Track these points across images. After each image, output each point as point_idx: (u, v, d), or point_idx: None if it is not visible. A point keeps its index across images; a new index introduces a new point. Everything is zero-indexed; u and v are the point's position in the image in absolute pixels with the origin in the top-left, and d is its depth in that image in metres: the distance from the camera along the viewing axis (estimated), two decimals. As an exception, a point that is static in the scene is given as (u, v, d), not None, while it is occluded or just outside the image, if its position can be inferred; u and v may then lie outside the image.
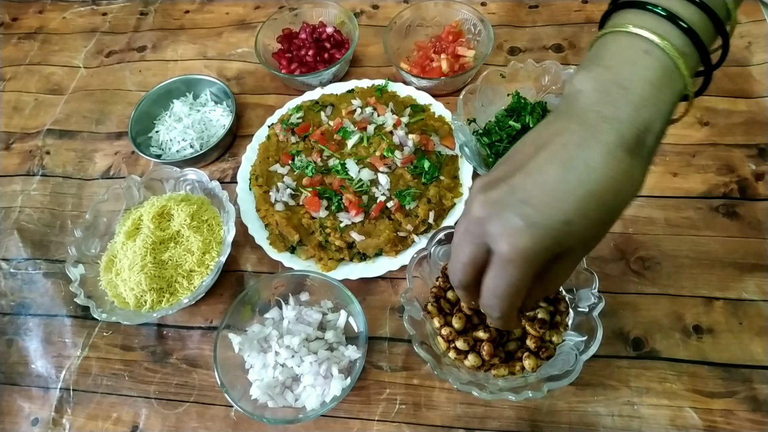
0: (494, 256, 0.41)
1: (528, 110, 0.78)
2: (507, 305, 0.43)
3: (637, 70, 0.41)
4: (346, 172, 0.78)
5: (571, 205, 0.39)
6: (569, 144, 0.40)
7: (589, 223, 0.40)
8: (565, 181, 0.39)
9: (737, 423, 0.59)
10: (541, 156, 0.40)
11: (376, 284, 0.72)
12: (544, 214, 0.39)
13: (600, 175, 0.39)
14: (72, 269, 0.70)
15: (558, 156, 0.40)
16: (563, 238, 0.40)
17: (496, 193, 0.41)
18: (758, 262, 0.67)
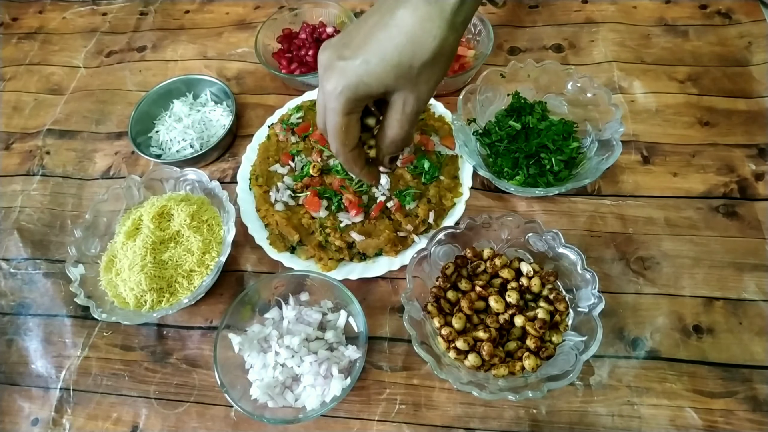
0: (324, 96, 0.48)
1: (528, 110, 0.78)
2: (336, 141, 0.50)
3: None
4: (346, 172, 0.78)
5: (373, 47, 0.45)
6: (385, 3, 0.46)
7: (387, 66, 0.46)
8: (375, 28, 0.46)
9: (737, 423, 0.59)
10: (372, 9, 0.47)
11: (376, 284, 0.72)
12: (353, 53, 0.46)
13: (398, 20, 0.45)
14: (72, 269, 0.70)
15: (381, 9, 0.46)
16: (365, 77, 0.46)
17: (334, 39, 0.49)
18: (758, 262, 0.68)
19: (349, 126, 0.49)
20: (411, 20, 0.45)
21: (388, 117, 0.51)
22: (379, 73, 0.46)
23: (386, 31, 0.45)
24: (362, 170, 0.55)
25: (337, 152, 0.52)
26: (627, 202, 0.74)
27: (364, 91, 0.47)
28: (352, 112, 0.48)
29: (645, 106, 0.82)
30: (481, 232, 0.68)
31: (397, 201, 0.74)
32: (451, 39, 0.47)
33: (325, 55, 0.47)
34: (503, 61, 0.90)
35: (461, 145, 0.74)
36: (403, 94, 0.48)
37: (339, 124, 0.49)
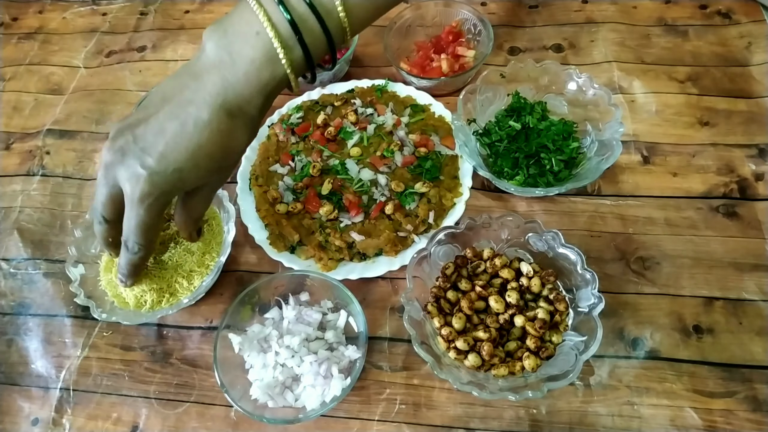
0: (125, 198, 0.49)
1: (528, 110, 0.78)
2: (142, 239, 0.52)
3: (245, 47, 0.47)
4: (346, 172, 0.78)
5: (183, 155, 0.47)
6: (184, 102, 0.47)
7: (200, 171, 0.48)
8: (178, 135, 0.46)
9: (737, 423, 0.59)
10: (163, 110, 0.48)
11: (376, 284, 0.72)
12: (160, 163, 0.47)
13: (207, 132, 0.47)
14: (72, 269, 0.70)
15: (175, 112, 0.47)
16: (179, 183, 0.48)
17: (122, 140, 0.48)
18: (758, 262, 0.68)
19: (156, 225, 0.52)
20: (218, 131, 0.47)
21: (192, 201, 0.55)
22: (192, 178, 0.49)
23: (193, 140, 0.47)
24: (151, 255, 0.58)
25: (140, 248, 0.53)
26: (627, 202, 0.74)
27: (175, 193, 0.50)
28: (160, 213, 0.51)
29: (645, 106, 0.82)
30: (481, 232, 0.68)
31: (397, 201, 0.74)
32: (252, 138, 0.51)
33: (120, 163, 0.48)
34: (503, 61, 0.90)
35: (461, 145, 0.74)
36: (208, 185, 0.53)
37: (148, 225, 0.51)
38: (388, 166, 0.77)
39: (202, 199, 0.56)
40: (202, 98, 0.47)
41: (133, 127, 0.48)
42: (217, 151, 0.48)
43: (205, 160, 0.48)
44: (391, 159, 0.78)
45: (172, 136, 0.47)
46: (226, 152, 0.49)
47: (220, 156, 0.49)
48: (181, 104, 0.47)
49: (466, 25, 0.90)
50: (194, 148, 0.47)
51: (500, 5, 0.98)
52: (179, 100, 0.47)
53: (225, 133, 0.48)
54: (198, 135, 0.47)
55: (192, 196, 0.54)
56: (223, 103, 0.47)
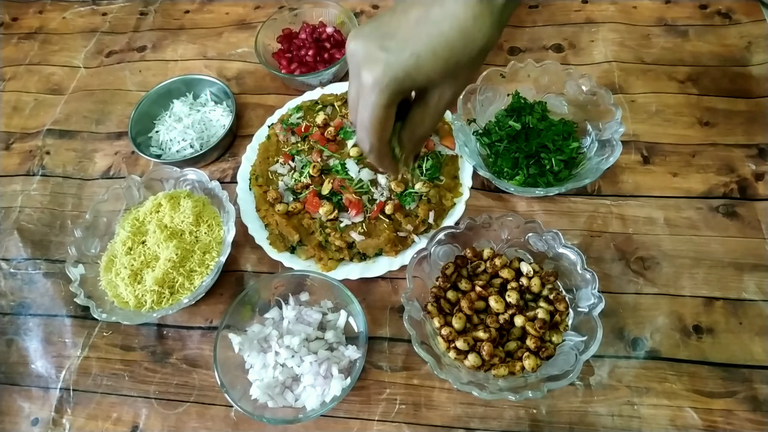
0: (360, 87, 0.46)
1: (528, 110, 0.78)
2: (373, 135, 0.48)
3: None
4: (346, 172, 0.78)
5: (423, 40, 0.44)
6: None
7: (437, 61, 0.45)
8: (422, 21, 0.44)
9: (737, 423, 0.59)
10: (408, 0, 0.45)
11: (376, 284, 0.72)
12: (398, 46, 0.44)
13: (452, 18, 0.43)
14: (72, 269, 0.70)
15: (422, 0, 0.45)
16: (413, 71, 0.45)
17: (367, 28, 0.46)
18: (758, 262, 0.68)
19: (388, 119, 0.48)
20: (463, 15, 0.44)
21: (420, 112, 0.50)
22: (428, 68, 0.45)
23: (436, 25, 0.44)
24: (391, 163, 0.53)
25: (372, 146, 0.50)
26: (627, 202, 0.74)
27: (408, 85, 0.46)
28: (392, 104, 0.47)
29: (645, 106, 0.82)
30: (481, 232, 0.68)
31: (397, 201, 0.74)
32: (497, 36, 0.46)
33: (362, 46, 0.46)
34: (503, 61, 0.90)
35: (461, 145, 0.74)
36: (440, 89, 0.48)
37: (379, 117, 0.47)
38: (388, 166, 0.77)
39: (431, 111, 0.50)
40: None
41: (379, 17, 0.47)
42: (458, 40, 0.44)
43: (445, 49, 0.44)
44: (391, 159, 0.77)
45: (414, 21, 0.45)
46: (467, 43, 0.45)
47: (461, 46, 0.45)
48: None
49: (466, 25, 0.89)
50: (435, 33, 0.44)
51: (500, 5, 0.98)
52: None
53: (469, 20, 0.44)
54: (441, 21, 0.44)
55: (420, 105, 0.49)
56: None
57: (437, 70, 0.46)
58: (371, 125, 0.48)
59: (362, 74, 0.46)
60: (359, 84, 0.47)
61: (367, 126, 0.48)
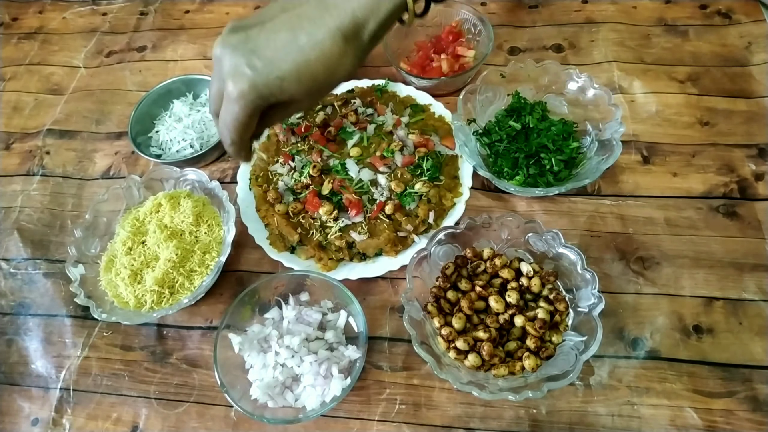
0: (225, 92, 0.49)
1: (528, 110, 0.78)
2: (234, 135, 0.52)
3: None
4: (346, 172, 0.78)
5: (289, 65, 0.47)
6: (303, 16, 0.48)
7: (300, 86, 0.49)
8: (289, 45, 0.47)
9: (737, 423, 0.59)
10: (280, 18, 0.49)
11: (376, 284, 0.72)
12: (265, 67, 0.47)
13: (319, 51, 0.47)
14: (72, 269, 0.70)
15: (292, 23, 0.48)
16: (277, 91, 0.49)
17: (235, 37, 0.49)
18: (758, 262, 0.68)
19: (250, 125, 0.52)
20: (329, 50, 0.48)
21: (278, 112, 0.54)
22: (291, 90, 0.49)
23: (302, 54, 0.47)
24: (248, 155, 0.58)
25: (232, 142, 0.53)
26: (627, 202, 0.74)
27: (272, 101, 0.50)
28: (255, 115, 0.51)
29: (645, 106, 0.82)
30: (481, 232, 0.68)
31: (397, 201, 0.74)
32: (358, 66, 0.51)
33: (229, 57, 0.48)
34: (503, 61, 0.90)
35: (461, 145, 0.74)
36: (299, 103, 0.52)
37: (242, 123, 0.51)
38: (388, 166, 0.77)
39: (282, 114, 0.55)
40: (320, 16, 0.48)
41: (249, 28, 0.49)
42: (322, 71, 0.49)
43: (308, 77, 0.48)
44: (391, 159, 0.78)
45: (283, 44, 0.48)
46: (330, 74, 0.49)
47: (323, 77, 0.49)
48: (300, 17, 0.48)
49: (466, 25, 0.89)
50: (301, 62, 0.48)
51: (500, 5, 0.98)
52: (298, 12, 0.48)
53: (335, 56, 0.48)
54: (308, 51, 0.47)
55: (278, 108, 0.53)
56: (340, 25, 0.48)
57: (300, 92, 0.50)
58: (233, 128, 0.51)
59: (227, 84, 0.49)
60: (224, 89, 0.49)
61: (229, 127, 0.52)
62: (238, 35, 0.49)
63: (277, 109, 0.53)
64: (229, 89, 0.49)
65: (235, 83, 0.48)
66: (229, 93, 0.49)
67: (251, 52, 0.48)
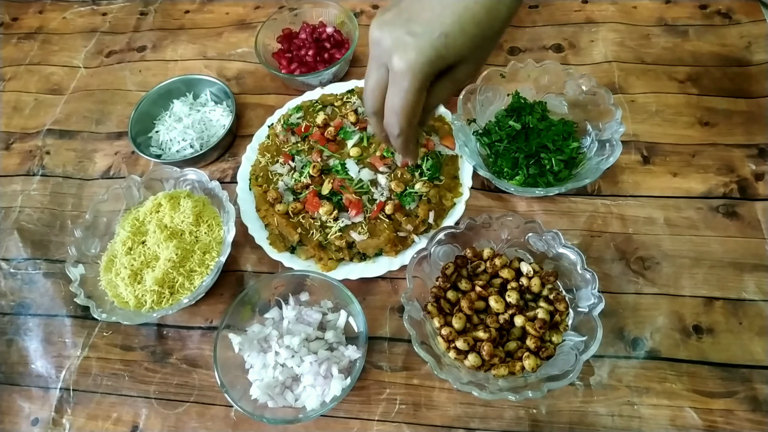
0: (390, 73, 0.46)
1: (528, 110, 0.78)
2: (404, 120, 0.48)
3: None
4: (346, 172, 0.78)
5: (449, 19, 0.44)
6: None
7: (466, 37, 0.45)
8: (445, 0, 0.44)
9: (737, 423, 0.59)
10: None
11: (376, 284, 0.72)
12: (426, 29, 0.44)
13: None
14: (72, 269, 0.70)
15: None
16: (443, 51, 0.45)
17: (388, 15, 0.46)
18: (758, 262, 0.68)
19: (420, 102, 0.48)
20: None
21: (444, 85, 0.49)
22: (458, 46, 0.45)
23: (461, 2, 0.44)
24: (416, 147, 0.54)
25: (401, 130, 0.49)
26: (627, 202, 0.74)
27: (441, 64, 0.46)
28: (425, 88, 0.47)
29: (645, 106, 0.82)
30: (481, 232, 0.68)
31: (397, 201, 0.74)
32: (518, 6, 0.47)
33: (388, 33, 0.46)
34: (503, 61, 0.90)
35: (461, 145, 0.74)
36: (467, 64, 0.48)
37: (412, 101, 0.47)
38: (388, 166, 0.77)
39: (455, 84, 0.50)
40: None
41: (398, 2, 0.47)
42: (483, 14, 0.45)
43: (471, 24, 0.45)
44: (391, 159, 0.78)
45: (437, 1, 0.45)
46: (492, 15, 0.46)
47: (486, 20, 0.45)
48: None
49: (466, 25, 0.89)
50: (461, 10, 0.44)
51: (500, 5, 0.98)
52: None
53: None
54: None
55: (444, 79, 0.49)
56: None
57: (467, 46, 0.46)
58: (403, 110, 0.47)
59: (393, 61, 0.45)
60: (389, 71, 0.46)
61: (398, 111, 0.48)
62: (390, 12, 0.47)
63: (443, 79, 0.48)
64: (395, 64, 0.45)
65: (401, 56, 0.45)
66: (395, 69, 0.46)
67: (408, 21, 0.45)
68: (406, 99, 0.47)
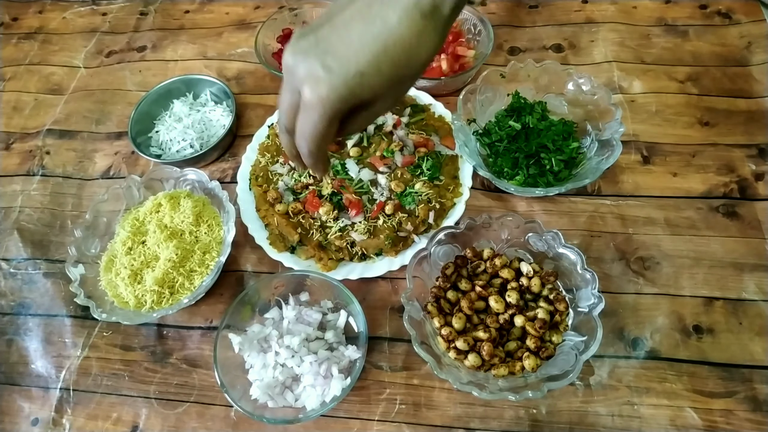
0: (302, 101, 0.45)
1: (528, 110, 0.78)
2: (314, 146, 0.48)
3: None
4: (346, 172, 0.78)
5: (366, 58, 0.43)
6: (374, 2, 0.43)
7: (382, 78, 0.44)
8: (363, 36, 0.43)
9: (737, 423, 0.59)
10: (349, 10, 0.44)
11: (376, 284, 0.72)
12: (341, 65, 0.43)
13: (394, 33, 0.43)
14: (72, 269, 0.70)
15: (362, 12, 0.44)
16: (358, 90, 0.44)
17: (305, 42, 0.45)
18: (758, 262, 0.68)
19: (330, 133, 0.48)
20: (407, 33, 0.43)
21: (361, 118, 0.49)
22: (374, 86, 0.45)
23: (379, 42, 0.43)
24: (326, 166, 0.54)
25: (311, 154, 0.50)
26: (627, 202, 0.74)
27: (354, 102, 0.46)
28: (336, 121, 0.47)
29: (645, 106, 0.82)
30: (481, 232, 0.68)
31: (397, 201, 0.74)
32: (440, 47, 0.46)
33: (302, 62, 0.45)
34: (503, 61, 0.90)
35: (461, 145, 0.74)
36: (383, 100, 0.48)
37: (322, 132, 0.47)
38: (388, 166, 0.77)
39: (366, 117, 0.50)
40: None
41: (317, 29, 0.45)
42: (402, 56, 0.44)
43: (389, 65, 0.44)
44: (391, 159, 0.78)
45: (357, 36, 0.43)
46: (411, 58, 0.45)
47: (405, 62, 0.44)
48: (370, 3, 0.44)
49: (466, 25, 0.90)
50: (379, 50, 0.43)
51: (500, 5, 0.98)
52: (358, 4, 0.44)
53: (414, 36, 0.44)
54: (384, 37, 0.43)
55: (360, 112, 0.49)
56: (417, 2, 0.43)
57: (383, 86, 0.45)
58: (312, 138, 0.48)
59: (304, 92, 0.45)
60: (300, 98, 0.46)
61: (307, 137, 0.48)
62: (307, 39, 0.45)
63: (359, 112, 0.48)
64: (306, 97, 0.45)
65: (312, 89, 0.44)
66: (306, 101, 0.45)
67: (324, 53, 0.44)
68: (316, 129, 0.47)
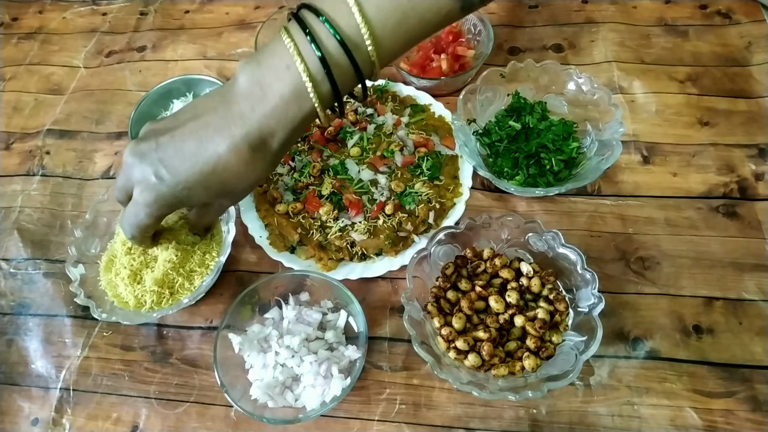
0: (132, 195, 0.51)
1: (528, 110, 0.78)
2: (136, 233, 0.55)
3: (276, 81, 0.46)
4: (346, 172, 0.78)
5: (195, 176, 0.48)
6: (210, 126, 0.48)
7: (209, 193, 0.50)
8: (195, 156, 0.48)
9: (737, 423, 0.59)
10: (188, 126, 0.49)
11: (376, 284, 0.72)
12: (172, 178, 0.48)
13: (223, 159, 0.47)
14: (72, 269, 0.70)
15: (199, 133, 0.48)
16: (185, 200, 0.51)
17: (145, 145, 0.50)
18: (758, 262, 0.68)
19: (153, 226, 0.55)
20: (236, 161, 0.47)
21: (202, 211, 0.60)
22: (201, 197, 0.51)
23: (209, 164, 0.48)
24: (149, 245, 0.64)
25: (133, 238, 0.57)
26: (627, 202, 0.74)
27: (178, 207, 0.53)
28: (159, 220, 0.54)
29: (645, 106, 0.82)
30: (481, 232, 0.68)
31: (397, 201, 0.74)
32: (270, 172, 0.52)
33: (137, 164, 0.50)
34: (503, 61, 0.90)
35: (461, 145, 0.74)
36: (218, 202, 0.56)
37: (145, 225, 0.53)
38: (388, 166, 0.77)
39: (213, 212, 0.59)
40: (226, 126, 0.47)
41: (159, 135, 0.50)
42: (230, 179, 0.49)
43: (216, 185, 0.49)
44: (391, 159, 0.78)
45: (189, 154, 0.48)
46: (239, 181, 0.50)
47: (232, 184, 0.50)
48: (207, 126, 0.48)
49: (466, 25, 0.90)
50: (208, 172, 0.48)
51: (500, 5, 0.98)
52: (205, 121, 0.48)
53: (242, 165, 0.48)
54: (214, 161, 0.48)
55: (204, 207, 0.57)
56: (247, 135, 0.47)
57: (210, 197, 0.51)
58: (135, 228, 0.54)
59: (135, 190, 0.51)
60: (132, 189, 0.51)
61: (131, 226, 0.54)
62: (148, 143, 0.50)
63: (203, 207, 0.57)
64: (136, 197, 0.51)
65: (142, 193, 0.50)
66: (135, 199, 0.51)
67: (159, 162, 0.49)
68: (140, 222, 0.53)
